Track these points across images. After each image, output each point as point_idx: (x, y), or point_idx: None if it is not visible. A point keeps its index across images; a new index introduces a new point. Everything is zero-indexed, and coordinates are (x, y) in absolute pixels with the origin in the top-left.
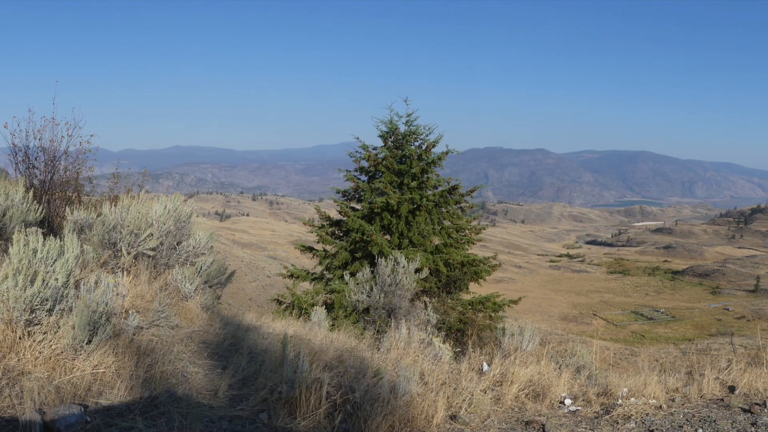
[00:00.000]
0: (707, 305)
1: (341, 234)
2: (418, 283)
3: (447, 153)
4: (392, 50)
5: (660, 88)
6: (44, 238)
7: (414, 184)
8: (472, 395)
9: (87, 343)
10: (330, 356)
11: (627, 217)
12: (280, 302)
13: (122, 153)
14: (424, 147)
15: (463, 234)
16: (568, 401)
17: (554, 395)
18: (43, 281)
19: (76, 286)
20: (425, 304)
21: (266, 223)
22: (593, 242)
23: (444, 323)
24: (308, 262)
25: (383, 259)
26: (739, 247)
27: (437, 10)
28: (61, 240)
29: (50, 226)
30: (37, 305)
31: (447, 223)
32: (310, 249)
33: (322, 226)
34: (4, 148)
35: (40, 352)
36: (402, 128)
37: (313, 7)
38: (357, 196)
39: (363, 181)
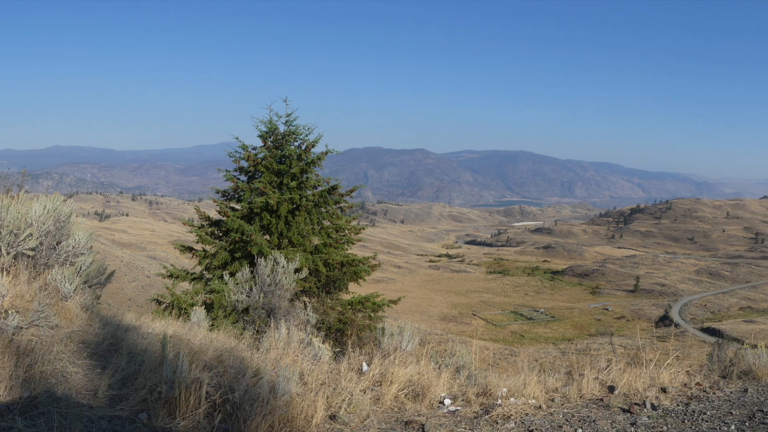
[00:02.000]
0: (587, 305)
1: (221, 234)
2: (297, 283)
3: (326, 153)
4: (273, 50)
5: (539, 88)
6: None
7: (293, 184)
8: (352, 395)
9: None
10: (209, 356)
11: (507, 217)
12: (159, 302)
13: (1, 153)
14: (303, 147)
15: (342, 234)
16: (447, 401)
17: (434, 395)
18: None
19: None
20: (305, 304)
21: (146, 223)
22: (473, 242)
23: (323, 323)
24: (188, 262)
25: (263, 259)
26: (618, 247)
27: (318, 10)
28: None
29: None
30: None
31: (326, 223)
32: (190, 249)
33: (202, 226)
34: None
35: None
36: (282, 128)
37: (194, 7)
38: (236, 196)
39: (242, 181)
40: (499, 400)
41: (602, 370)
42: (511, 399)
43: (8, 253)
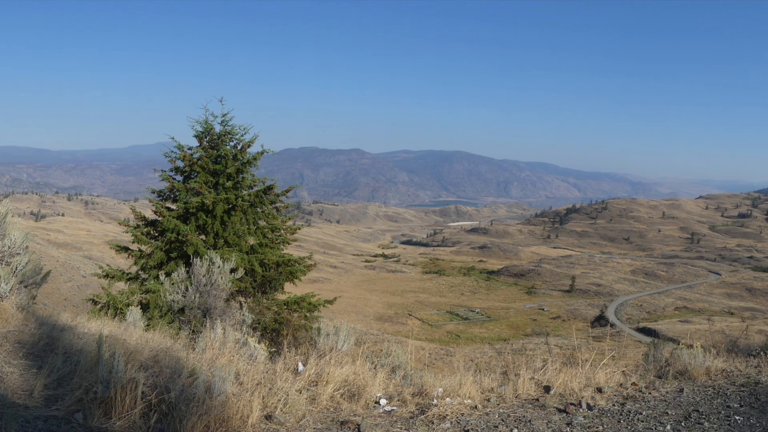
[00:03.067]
0: (523, 305)
1: (157, 234)
2: (233, 283)
3: (262, 153)
4: (209, 50)
5: (474, 87)
6: None
7: (229, 184)
8: (288, 395)
9: None
10: (145, 356)
11: (442, 217)
12: (95, 302)
13: None
14: (239, 147)
15: (278, 234)
16: (383, 401)
17: (370, 395)
18: None
19: None
20: (241, 304)
21: (82, 223)
22: (409, 242)
23: (259, 323)
24: (124, 262)
25: (198, 259)
26: (554, 247)
27: (253, 9)
28: None
29: None
30: None
31: (262, 223)
32: (126, 249)
33: (138, 226)
34: None
35: None
36: (217, 128)
37: (129, 7)
38: (172, 196)
39: (178, 181)
40: (435, 400)
41: (538, 370)
42: (447, 399)
43: None
